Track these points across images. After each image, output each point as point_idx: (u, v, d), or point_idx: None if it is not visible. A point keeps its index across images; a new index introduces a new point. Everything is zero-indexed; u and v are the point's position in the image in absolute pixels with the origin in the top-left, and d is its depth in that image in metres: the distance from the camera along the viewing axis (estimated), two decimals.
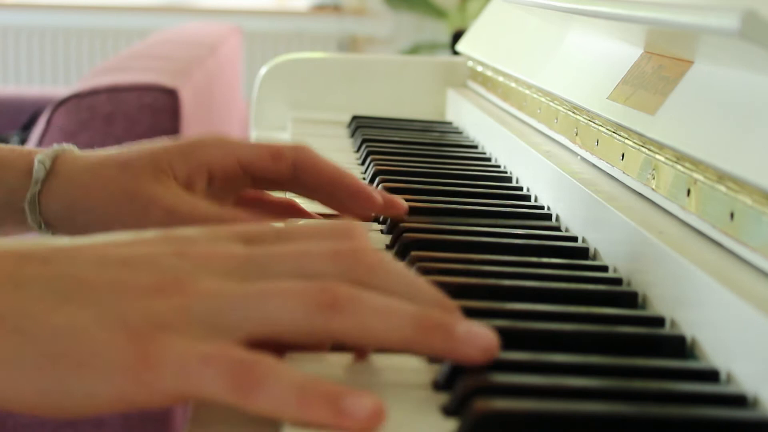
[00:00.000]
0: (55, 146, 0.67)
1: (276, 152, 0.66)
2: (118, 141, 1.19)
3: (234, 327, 0.42)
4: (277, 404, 0.40)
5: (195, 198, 0.65)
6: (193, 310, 0.42)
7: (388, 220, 0.70)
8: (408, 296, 0.44)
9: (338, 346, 0.47)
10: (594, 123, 0.75)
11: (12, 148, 0.68)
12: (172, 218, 0.63)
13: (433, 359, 0.47)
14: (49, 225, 0.66)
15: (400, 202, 0.68)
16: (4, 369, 0.40)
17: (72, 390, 0.40)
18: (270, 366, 0.40)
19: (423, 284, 0.45)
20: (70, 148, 0.67)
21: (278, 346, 0.45)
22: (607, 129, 0.72)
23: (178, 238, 0.45)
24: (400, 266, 0.45)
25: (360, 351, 0.47)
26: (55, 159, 0.66)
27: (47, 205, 0.65)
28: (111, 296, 0.41)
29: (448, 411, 0.43)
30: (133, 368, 0.40)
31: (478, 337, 0.43)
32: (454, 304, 0.45)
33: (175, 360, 0.40)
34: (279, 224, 0.48)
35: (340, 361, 0.47)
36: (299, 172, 0.66)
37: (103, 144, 0.85)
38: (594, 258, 0.63)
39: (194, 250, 0.44)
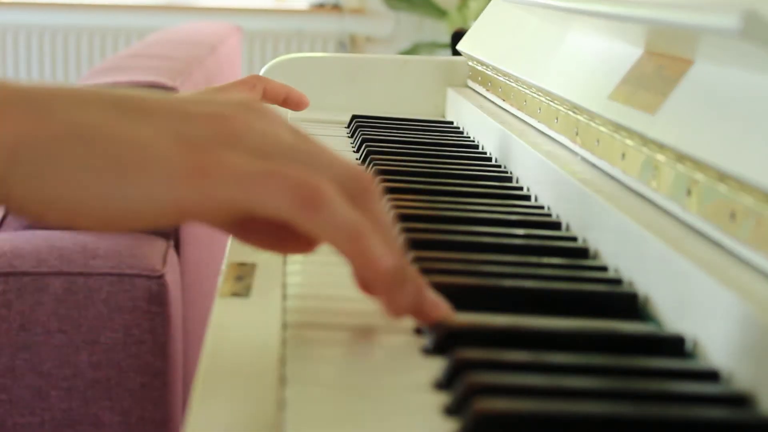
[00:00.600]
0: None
1: (251, 85, 0.91)
2: None
3: (267, 156, 0.45)
4: (334, 230, 0.44)
5: None
6: (252, 138, 0.45)
7: None
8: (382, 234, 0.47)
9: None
10: (594, 123, 0.75)
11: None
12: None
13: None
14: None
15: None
16: (75, 174, 0.42)
17: (133, 193, 0.43)
18: (332, 195, 0.44)
19: (395, 234, 0.49)
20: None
21: None
22: (607, 129, 0.72)
23: (249, 101, 0.48)
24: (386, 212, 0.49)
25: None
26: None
27: None
28: (170, 117, 0.44)
29: (449, 411, 0.43)
30: (192, 175, 0.43)
31: (391, 260, 0.46)
32: (408, 269, 0.48)
33: (234, 171, 0.43)
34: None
35: (340, 360, 0.47)
36: (264, 94, 0.92)
37: None
38: (594, 258, 0.63)
39: (255, 117, 0.47)
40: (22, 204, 0.43)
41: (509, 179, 0.84)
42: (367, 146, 0.95)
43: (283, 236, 0.49)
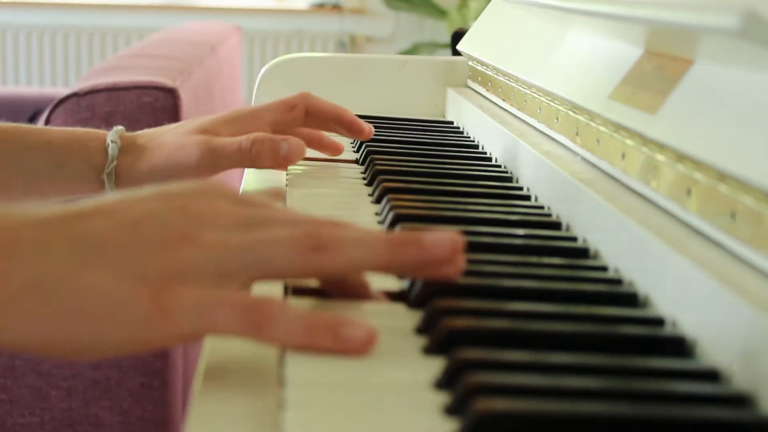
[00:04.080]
0: (115, 128, 0.85)
1: (290, 105, 0.87)
2: None
3: (238, 272, 0.48)
4: (287, 335, 0.47)
5: None
6: (201, 260, 0.48)
7: (389, 222, 0.70)
8: (353, 264, 0.51)
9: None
10: (594, 123, 0.75)
11: (84, 130, 0.87)
12: (212, 153, 0.82)
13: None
14: (122, 188, 0.81)
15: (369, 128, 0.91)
16: (39, 325, 0.46)
17: (101, 338, 0.46)
18: (277, 304, 0.47)
19: (359, 252, 0.51)
20: (121, 128, 0.85)
21: None
22: (607, 129, 0.72)
23: (175, 194, 0.51)
24: (348, 240, 0.50)
25: (354, 289, 0.55)
26: (121, 138, 0.84)
27: (121, 174, 0.83)
28: (127, 255, 0.47)
29: (449, 411, 0.43)
30: (154, 318, 0.46)
31: (443, 239, 0.50)
32: (388, 251, 0.51)
33: (190, 306, 0.46)
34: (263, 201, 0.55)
35: (340, 360, 0.47)
36: (309, 115, 0.88)
37: None
38: (594, 258, 0.63)
39: (194, 205, 0.50)
40: (1, 344, 0.46)
41: (509, 179, 0.84)
42: (367, 146, 0.95)
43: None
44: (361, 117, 1.12)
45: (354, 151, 1.00)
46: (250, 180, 0.87)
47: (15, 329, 0.46)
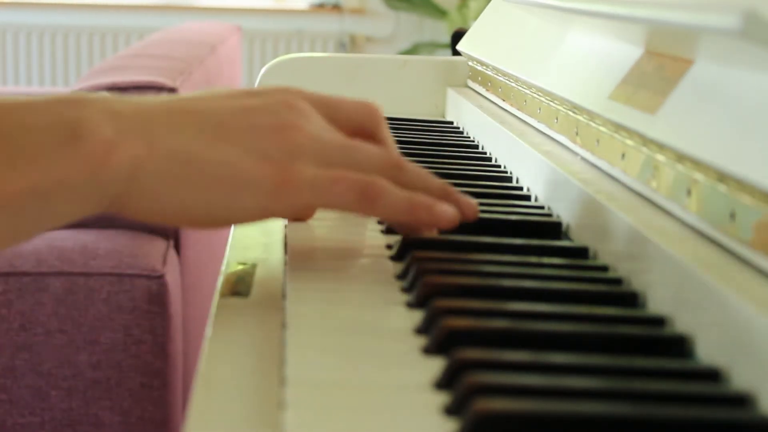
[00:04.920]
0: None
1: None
2: None
3: (336, 165, 0.56)
4: (394, 210, 0.57)
5: None
6: (308, 146, 0.56)
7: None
8: (424, 183, 0.60)
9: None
10: (594, 123, 0.75)
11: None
12: None
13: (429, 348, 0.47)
14: None
15: None
16: (179, 191, 0.53)
17: (229, 206, 0.54)
18: (384, 184, 0.56)
19: (431, 178, 0.61)
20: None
21: None
22: (607, 129, 0.72)
23: (275, 91, 0.59)
24: (417, 169, 0.61)
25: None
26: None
27: None
28: (249, 135, 0.55)
29: (449, 411, 0.43)
30: (279, 188, 0.54)
31: (448, 211, 0.60)
32: (447, 187, 0.62)
33: (310, 179, 0.54)
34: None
35: (340, 360, 0.47)
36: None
37: None
38: (594, 258, 0.63)
39: (293, 102, 0.58)
40: (137, 213, 0.53)
41: (509, 179, 0.84)
42: None
43: None
44: None
45: None
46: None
47: (159, 196, 0.52)
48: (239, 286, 0.57)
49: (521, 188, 0.81)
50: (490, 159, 0.93)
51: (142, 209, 0.53)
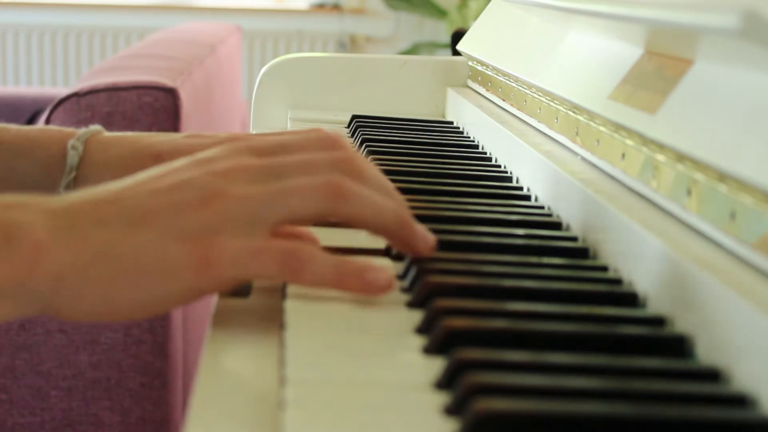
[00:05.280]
0: (83, 130, 0.75)
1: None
2: None
3: (267, 219, 0.54)
4: (320, 278, 0.54)
5: None
6: (233, 211, 0.54)
7: None
8: (371, 217, 0.57)
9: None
10: (594, 123, 0.75)
11: (42, 129, 0.77)
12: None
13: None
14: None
15: None
16: (106, 290, 0.52)
17: (159, 293, 0.52)
18: (310, 249, 0.54)
19: (391, 187, 0.59)
20: (98, 130, 0.76)
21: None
22: (607, 129, 0.72)
23: (203, 160, 0.57)
24: (378, 172, 0.59)
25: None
26: (87, 144, 0.75)
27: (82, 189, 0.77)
28: (170, 217, 0.53)
29: (449, 411, 0.43)
30: (201, 267, 0.52)
31: (427, 236, 0.59)
32: (400, 216, 0.58)
33: (232, 254, 0.52)
34: (278, 136, 0.61)
35: (339, 361, 0.47)
36: None
37: None
38: (594, 258, 0.63)
39: (220, 167, 0.56)
40: (70, 315, 0.53)
41: (509, 179, 0.84)
42: (367, 146, 0.95)
43: None
44: (361, 117, 1.12)
45: None
46: None
47: (87, 297, 0.52)
48: (239, 286, 0.56)
49: (521, 188, 0.81)
50: (490, 159, 0.93)
51: (75, 311, 0.53)
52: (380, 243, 0.63)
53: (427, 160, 0.90)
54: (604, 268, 0.61)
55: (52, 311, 0.53)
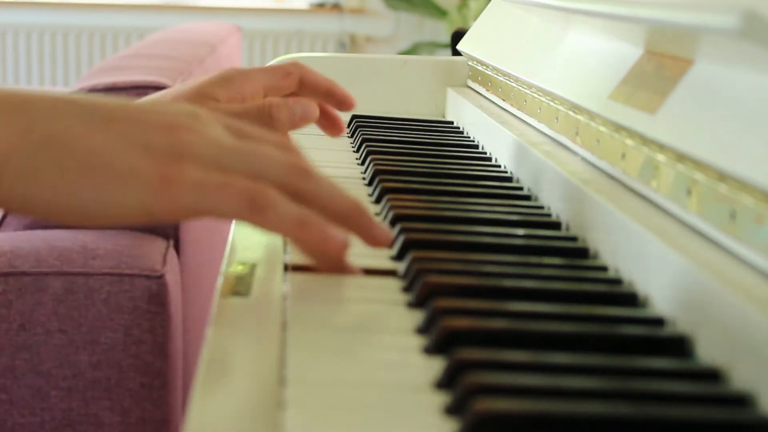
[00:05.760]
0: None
1: (285, 72, 0.85)
2: None
3: (230, 168, 0.52)
4: (282, 224, 0.52)
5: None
6: (201, 147, 0.52)
7: (388, 219, 0.70)
8: (330, 198, 0.55)
9: None
10: (594, 123, 0.75)
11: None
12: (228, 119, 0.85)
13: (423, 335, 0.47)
14: None
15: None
16: (54, 180, 0.49)
17: (107, 199, 0.50)
18: (275, 196, 0.52)
19: (340, 192, 0.56)
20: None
21: None
22: (607, 129, 0.72)
23: (190, 109, 0.55)
24: (327, 180, 0.56)
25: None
26: None
27: None
28: (136, 127, 0.51)
29: (449, 411, 0.43)
30: (158, 185, 0.50)
31: (339, 237, 0.55)
32: (360, 205, 0.56)
33: (193, 182, 0.50)
34: (252, 127, 0.59)
35: (339, 360, 0.47)
36: (302, 84, 0.86)
37: None
38: (594, 258, 0.63)
39: (199, 124, 0.54)
40: (9, 201, 0.50)
41: (509, 179, 0.84)
42: (367, 146, 0.95)
43: None
44: (361, 117, 1.12)
45: (354, 151, 1.00)
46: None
47: (30, 183, 0.49)
48: (239, 286, 0.56)
49: (521, 188, 0.81)
50: (490, 159, 0.93)
51: (15, 198, 0.50)
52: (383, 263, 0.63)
53: (427, 160, 0.90)
54: (604, 268, 0.61)
55: None
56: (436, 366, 0.47)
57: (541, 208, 0.75)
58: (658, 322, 0.52)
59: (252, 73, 0.85)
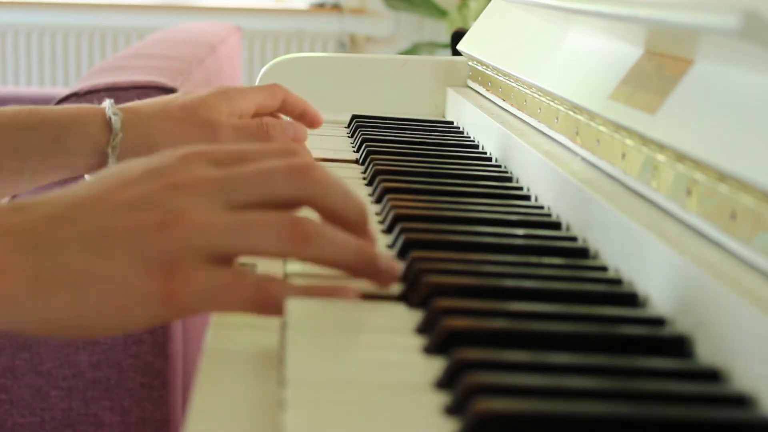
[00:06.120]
0: (106, 102, 0.86)
1: (273, 92, 0.93)
2: None
3: (228, 252, 0.53)
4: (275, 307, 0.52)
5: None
6: (194, 241, 0.52)
7: (388, 219, 0.70)
8: (344, 202, 0.56)
9: None
10: (594, 123, 0.75)
11: (71, 106, 0.87)
12: (239, 133, 0.88)
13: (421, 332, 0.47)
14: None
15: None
16: (72, 314, 0.51)
17: (121, 322, 0.51)
18: (282, 285, 0.53)
19: (353, 196, 0.57)
20: (112, 101, 0.86)
21: None
22: (607, 129, 0.72)
23: (160, 170, 0.55)
24: (338, 179, 0.57)
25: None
26: (122, 111, 0.86)
27: (126, 147, 0.85)
28: (130, 242, 0.51)
29: (449, 411, 0.43)
30: (166, 298, 0.51)
31: (390, 268, 0.57)
32: (364, 209, 0.57)
33: (198, 290, 0.51)
34: (236, 147, 0.59)
35: (339, 360, 0.47)
36: (283, 103, 0.94)
37: None
38: (594, 258, 0.63)
39: (178, 179, 0.54)
40: (33, 333, 0.52)
41: (509, 179, 0.84)
42: (367, 146, 0.95)
43: None
44: (361, 117, 1.12)
45: (354, 151, 1.00)
46: None
47: (49, 319, 0.51)
48: None
49: (521, 188, 0.81)
50: (490, 159, 0.93)
51: (40, 330, 0.52)
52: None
53: (427, 160, 0.90)
54: (604, 268, 0.61)
55: (16, 331, 0.52)
56: (436, 366, 0.47)
57: (541, 208, 0.75)
58: (658, 322, 0.52)
59: (249, 91, 0.92)
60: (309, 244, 0.53)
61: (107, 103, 0.86)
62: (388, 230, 0.69)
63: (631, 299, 0.55)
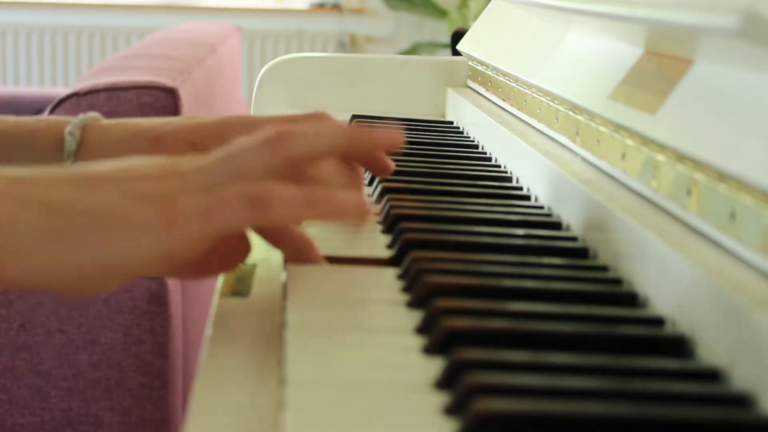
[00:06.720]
0: (81, 116, 0.75)
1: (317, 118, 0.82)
2: None
3: (222, 182, 0.52)
4: (292, 210, 0.52)
5: None
6: (189, 181, 0.52)
7: (389, 222, 0.70)
8: (318, 146, 0.56)
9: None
10: (594, 123, 0.75)
11: (39, 118, 0.77)
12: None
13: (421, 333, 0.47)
14: None
15: None
16: (61, 245, 0.48)
17: (121, 250, 0.49)
18: (274, 187, 0.52)
19: (321, 134, 0.56)
20: (96, 116, 0.75)
21: None
22: (607, 129, 0.72)
23: (165, 159, 0.54)
24: (307, 130, 0.56)
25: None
26: (84, 130, 0.74)
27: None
28: (127, 182, 0.51)
29: (449, 411, 0.43)
30: (164, 227, 0.50)
31: (349, 201, 0.54)
32: (346, 130, 0.57)
33: (196, 211, 0.50)
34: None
35: (339, 360, 0.47)
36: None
37: None
38: (594, 258, 0.63)
39: (177, 165, 0.54)
40: (13, 278, 0.48)
41: (509, 179, 0.84)
42: None
43: (214, 258, 0.57)
44: (361, 117, 1.12)
45: None
46: None
47: (35, 252, 0.48)
48: (239, 286, 0.56)
49: (521, 188, 0.81)
50: (490, 159, 0.93)
51: (22, 269, 0.48)
52: (381, 252, 0.63)
53: (427, 160, 0.90)
54: (604, 268, 0.61)
55: (29, 283, 0.49)
56: (435, 366, 0.47)
57: (541, 208, 0.75)
58: (658, 322, 0.52)
59: (254, 124, 0.81)
60: (267, 208, 0.52)
61: (77, 119, 0.76)
62: (388, 230, 0.69)
63: (631, 299, 0.55)
